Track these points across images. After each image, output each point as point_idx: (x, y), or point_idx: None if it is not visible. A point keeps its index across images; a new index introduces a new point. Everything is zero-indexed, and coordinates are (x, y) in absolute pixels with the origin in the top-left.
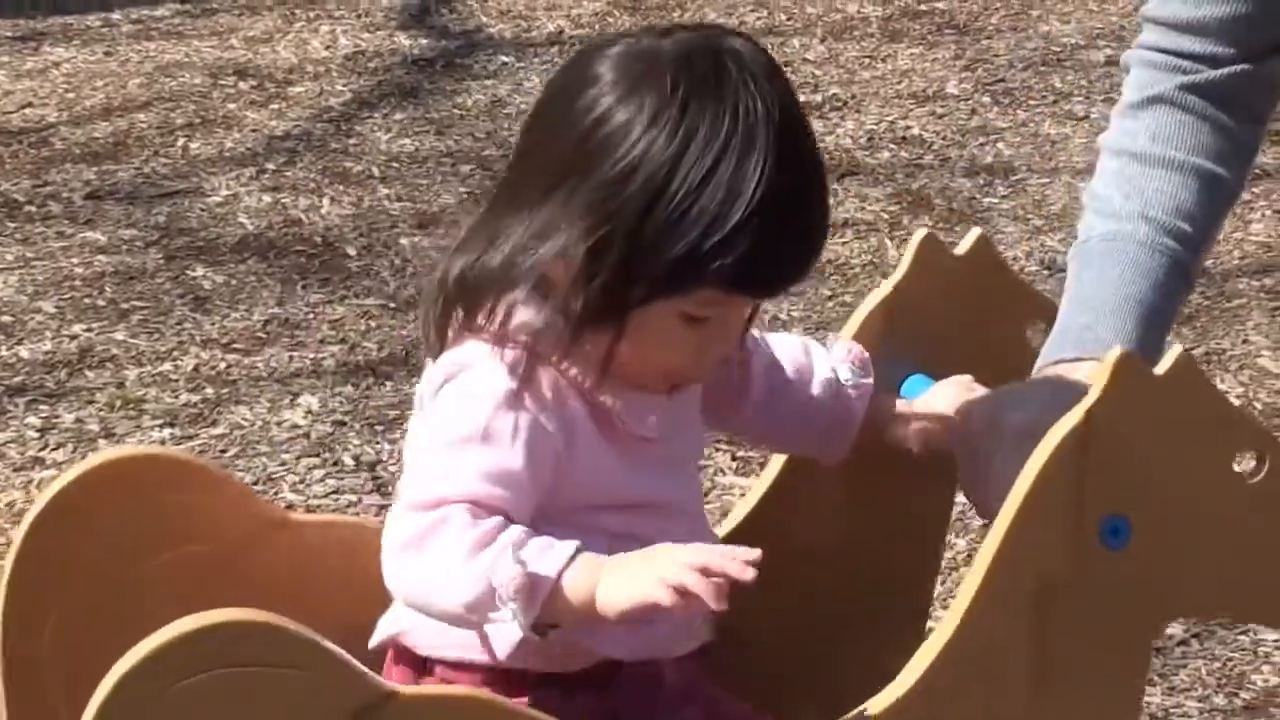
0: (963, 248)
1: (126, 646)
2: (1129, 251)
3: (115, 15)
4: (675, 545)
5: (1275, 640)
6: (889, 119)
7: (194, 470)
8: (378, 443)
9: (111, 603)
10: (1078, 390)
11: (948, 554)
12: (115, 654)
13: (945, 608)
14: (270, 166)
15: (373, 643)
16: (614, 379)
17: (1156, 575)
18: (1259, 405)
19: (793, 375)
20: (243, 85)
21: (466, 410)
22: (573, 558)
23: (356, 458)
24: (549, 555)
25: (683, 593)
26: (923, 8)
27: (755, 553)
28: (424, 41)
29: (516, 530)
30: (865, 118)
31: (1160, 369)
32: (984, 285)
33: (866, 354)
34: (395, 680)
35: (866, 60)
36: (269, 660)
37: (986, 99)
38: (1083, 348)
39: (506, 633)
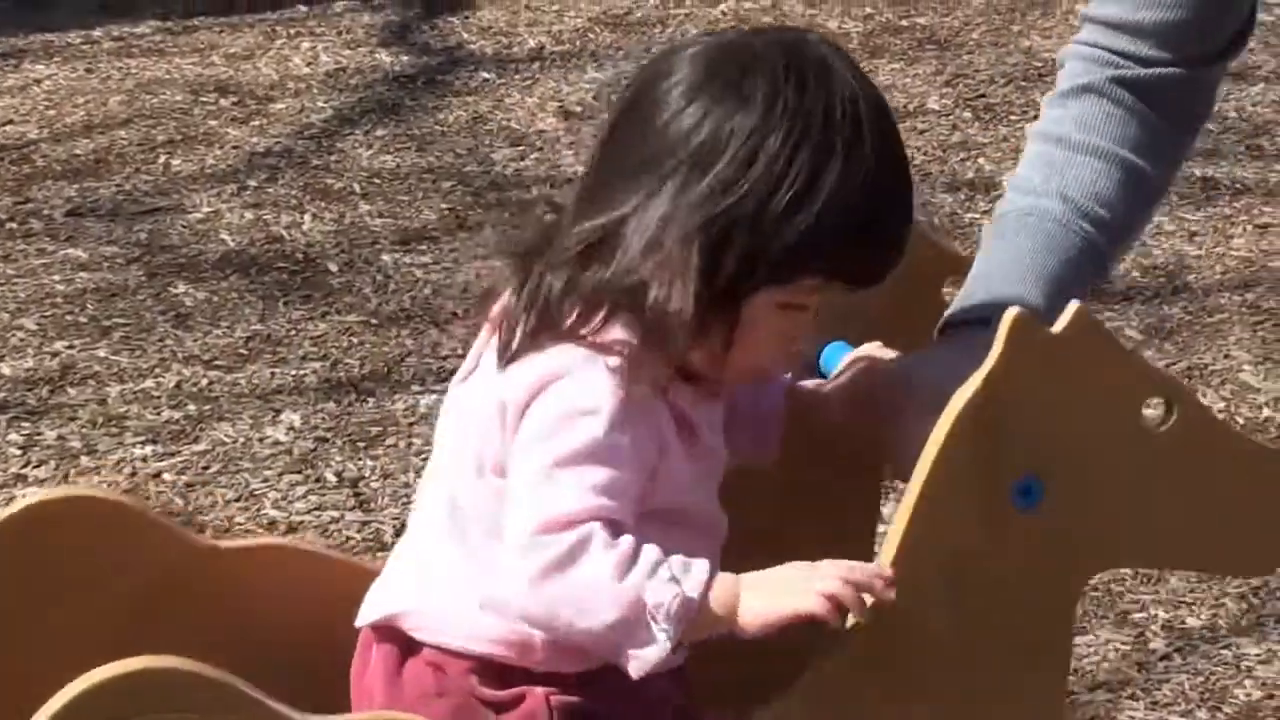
0: None
1: (57, 690)
2: (1043, 227)
3: (96, 32)
4: (810, 563)
5: (1258, 654)
6: None
7: (119, 509)
8: (360, 459)
9: (43, 647)
10: (984, 353)
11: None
12: (46, 698)
13: None
14: (251, 183)
15: (360, 621)
16: (686, 386)
17: (1073, 532)
18: (1241, 420)
19: None
20: (224, 102)
21: (581, 425)
22: (712, 576)
23: (339, 474)
24: (691, 575)
25: (835, 603)
26: (903, 23)
27: (890, 573)
28: (405, 58)
29: (654, 549)
30: None
31: (1058, 326)
32: None
33: None
34: (378, 660)
35: None
36: (188, 706)
37: (968, 114)
38: (986, 311)
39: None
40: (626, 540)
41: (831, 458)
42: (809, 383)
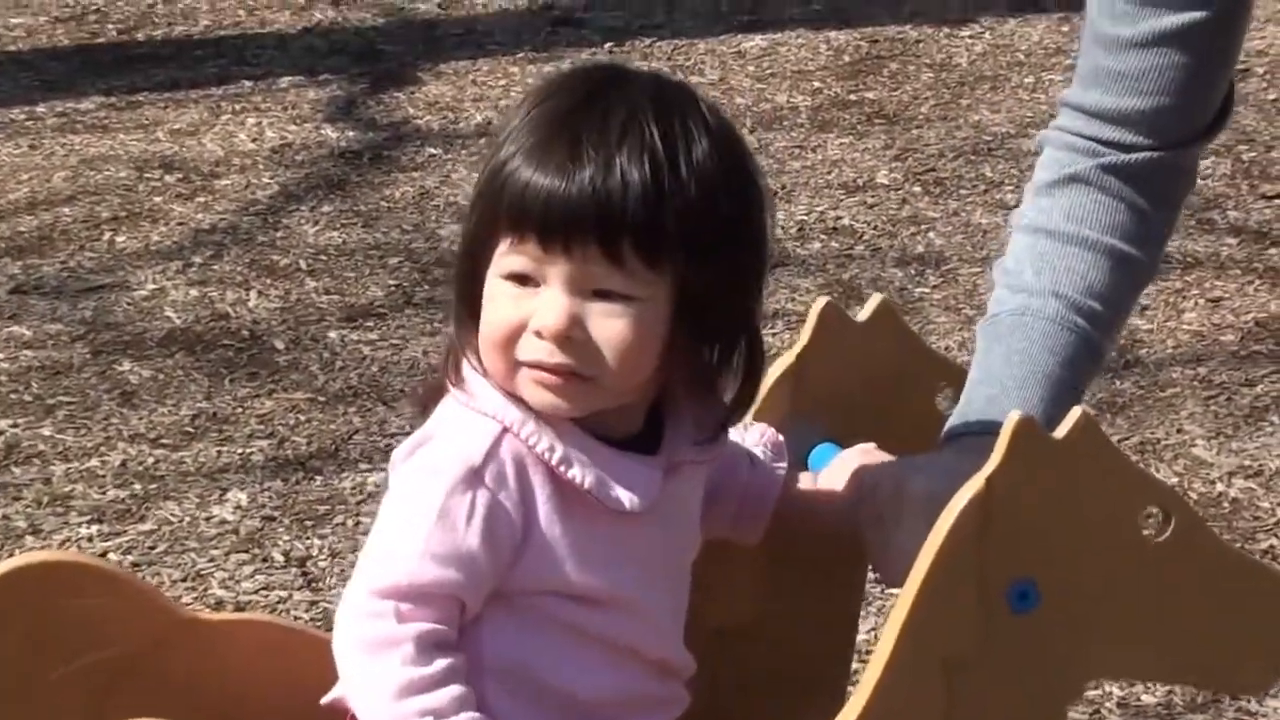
0: (864, 314)
1: None
2: (1038, 327)
3: (40, 108)
4: None
5: None
6: (819, 209)
7: (98, 574)
8: (307, 538)
9: (20, 714)
10: (981, 459)
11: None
12: None
13: None
14: (197, 260)
15: (325, 699)
16: (577, 438)
17: (1067, 638)
18: (1194, 495)
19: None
20: (169, 178)
21: (425, 487)
22: None
23: (286, 553)
24: None
25: None
26: (852, 97)
27: None
28: (351, 134)
29: (455, 690)
30: (795, 208)
31: (1060, 432)
32: (888, 350)
33: (780, 437)
34: None
35: (796, 150)
36: None
37: (917, 189)
38: (988, 421)
39: None
40: (438, 667)
41: (815, 554)
42: (804, 477)
